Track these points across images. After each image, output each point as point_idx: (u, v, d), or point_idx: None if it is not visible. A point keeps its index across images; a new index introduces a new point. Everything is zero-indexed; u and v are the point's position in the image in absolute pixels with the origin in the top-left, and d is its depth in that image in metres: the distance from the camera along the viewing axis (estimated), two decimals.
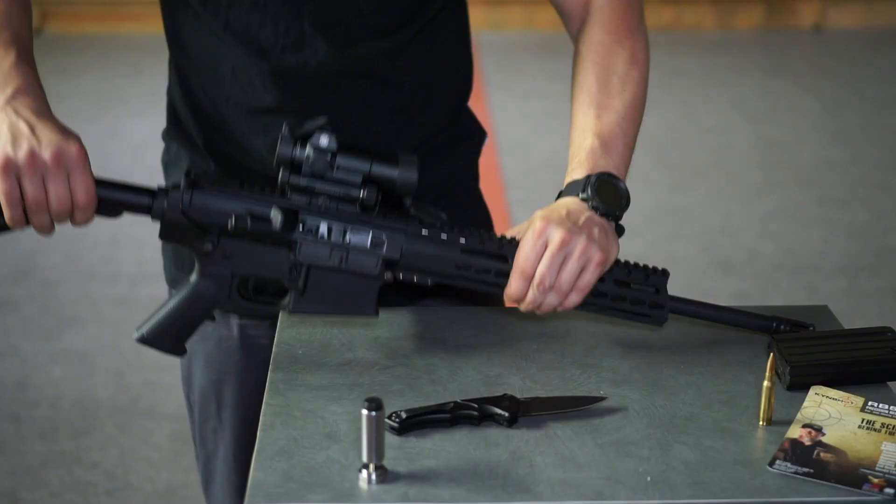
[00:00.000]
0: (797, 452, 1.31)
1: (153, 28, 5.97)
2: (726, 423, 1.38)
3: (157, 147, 1.64)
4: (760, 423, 1.38)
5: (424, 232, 1.48)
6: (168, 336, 1.51)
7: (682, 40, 6.57)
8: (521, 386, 1.45)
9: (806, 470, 1.28)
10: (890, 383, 1.47)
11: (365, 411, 1.24)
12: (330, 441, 1.34)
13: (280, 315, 1.64)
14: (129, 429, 3.28)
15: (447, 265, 1.48)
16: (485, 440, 1.34)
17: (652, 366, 1.51)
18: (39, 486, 3.05)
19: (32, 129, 1.41)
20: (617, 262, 1.51)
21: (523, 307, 1.47)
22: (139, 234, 4.29)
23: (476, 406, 1.36)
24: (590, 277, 1.44)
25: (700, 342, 1.57)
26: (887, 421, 1.37)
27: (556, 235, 1.42)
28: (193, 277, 1.50)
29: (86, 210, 1.45)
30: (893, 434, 1.35)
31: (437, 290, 1.68)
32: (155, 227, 1.49)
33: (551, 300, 1.45)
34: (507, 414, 1.35)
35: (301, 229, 1.45)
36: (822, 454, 1.31)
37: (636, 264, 1.53)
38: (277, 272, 1.48)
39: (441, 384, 1.46)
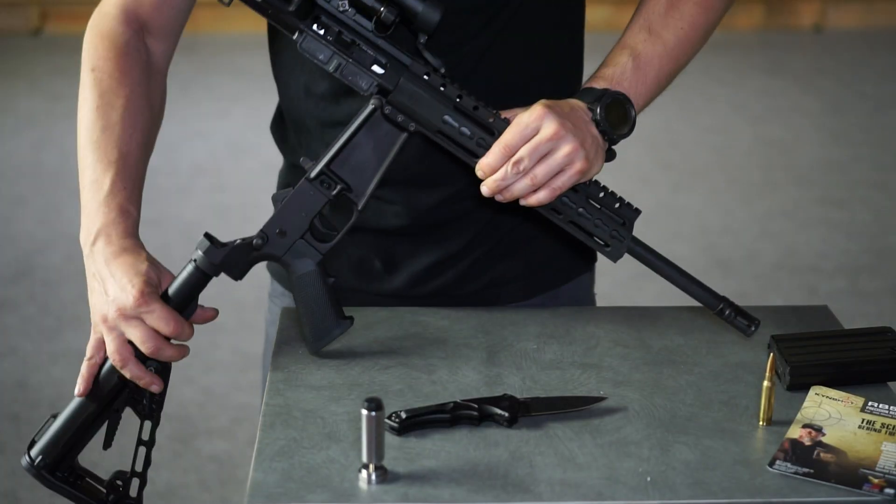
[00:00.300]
0: (797, 452, 1.31)
1: None
2: (726, 423, 1.38)
3: (157, 147, 1.64)
4: (760, 423, 1.37)
5: (426, 76, 1.46)
6: (329, 328, 1.51)
7: None
8: (521, 386, 1.45)
9: (806, 470, 1.28)
10: (890, 383, 1.47)
11: (365, 411, 1.24)
12: (330, 441, 1.34)
13: (280, 315, 1.64)
14: (129, 429, 3.28)
15: (435, 116, 1.46)
16: (485, 440, 1.34)
17: (652, 366, 1.51)
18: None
19: (103, 284, 1.46)
20: (595, 182, 1.51)
21: (489, 185, 1.44)
22: (139, 234, 4.28)
23: (476, 406, 1.36)
24: (565, 181, 1.43)
25: (700, 342, 1.57)
26: (887, 421, 1.37)
27: (551, 126, 1.42)
28: (290, 278, 1.51)
29: (179, 331, 1.46)
30: (893, 434, 1.35)
31: (437, 293, 1.68)
32: (154, 228, 1.49)
33: (521, 186, 1.43)
34: (507, 414, 1.35)
35: (313, 25, 1.45)
36: (822, 454, 1.31)
37: (612, 192, 1.52)
38: (320, 207, 1.49)
39: (441, 384, 1.46)
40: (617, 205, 1.51)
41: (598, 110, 1.47)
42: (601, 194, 1.51)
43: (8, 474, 3.09)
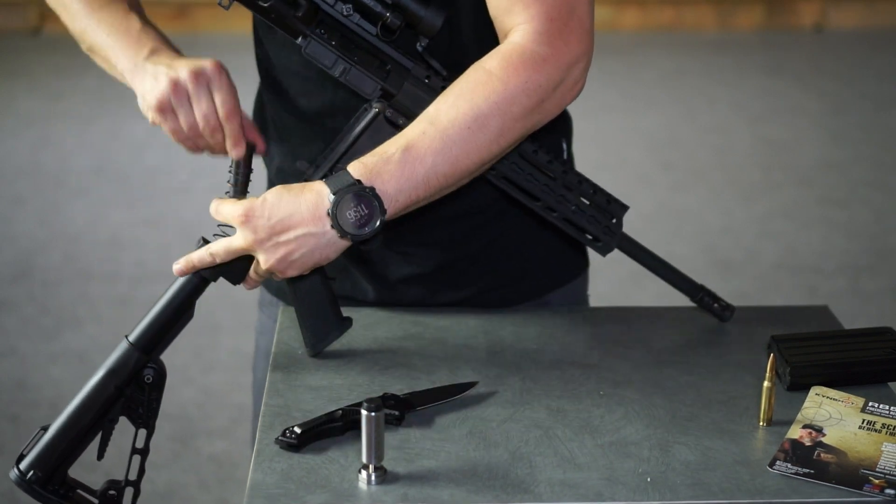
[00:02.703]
0: (797, 453, 1.31)
1: None
2: (726, 423, 1.38)
3: (157, 147, 1.64)
4: (760, 423, 1.37)
5: (427, 79, 1.48)
6: (329, 330, 1.52)
7: (682, 40, 6.56)
8: (521, 386, 1.45)
9: (806, 471, 1.28)
10: (890, 384, 1.47)
11: (365, 412, 1.24)
12: (329, 441, 1.33)
13: (280, 315, 1.64)
14: (129, 429, 3.28)
15: None
16: (485, 440, 1.34)
17: (652, 366, 1.51)
18: None
19: (170, 66, 1.50)
20: (587, 180, 1.54)
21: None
22: (139, 234, 4.29)
23: None
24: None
25: (700, 343, 1.57)
26: (888, 421, 1.37)
27: (238, 241, 1.41)
28: (289, 280, 1.50)
29: (230, 120, 1.51)
30: (894, 435, 1.35)
31: (418, 302, 1.67)
32: (154, 228, 1.49)
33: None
34: (396, 413, 1.36)
35: (318, 29, 1.47)
36: (822, 455, 1.31)
37: (603, 190, 1.55)
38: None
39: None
40: (607, 201, 1.55)
41: (334, 203, 1.36)
42: (592, 191, 1.54)
43: (7, 474, 3.09)
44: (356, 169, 1.39)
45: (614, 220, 1.55)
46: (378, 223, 1.37)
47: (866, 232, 4.51)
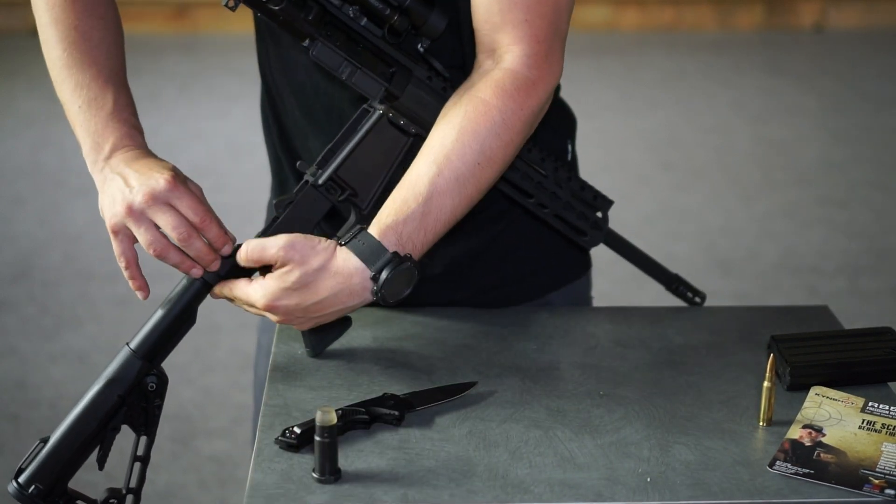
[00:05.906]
0: (797, 453, 1.31)
1: (153, 28, 5.95)
2: (726, 423, 1.38)
3: (156, 146, 1.64)
4: (760, 423, 1.37)
5: (428, 80, 1.49)
6: (329, 330, 1.52)
7: (682, 40, 6.56)
8: (521, 386, 1.45)
9: (806, 471, 1.28)
10: (890, 384, 1.47)
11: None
12: None
13: None
14: (128, 430, 3.27)
15: (436, 119, 1.47)
16: (485, 440, 1.34)
17: (652, 366, 1.51)
18: None
19: (125, 181, 1.44)
20: (577, 176, 1.58)
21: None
22: None
23: (364, 409, 1.36)
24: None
25: (700, 343, 1.57)
26: (888, 421, 1.37)
27: (274, 317, 1.41)
28: None
29: (205, 226, 1.43)
30: (894, 435, 1.35)
31: (439, 295, 1.68)
32: None
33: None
34: (396, 413, 1.36)
35: (324, 31, 1.46)
36: (822, 455, 1.31)
37: (590, 185, 1.59)
38: (325, 212, 1.49)
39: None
40: (594, 197, 1.59)
41: (381, 284, 1.38)
42: (580, 187, 1.58)
43: (7, 475, 3.09)
44: (388, 239, 1.39)
45: (599, 215, 1.60)
46: (414, 283, 1.40)
47: (866, 232, 4.51)
